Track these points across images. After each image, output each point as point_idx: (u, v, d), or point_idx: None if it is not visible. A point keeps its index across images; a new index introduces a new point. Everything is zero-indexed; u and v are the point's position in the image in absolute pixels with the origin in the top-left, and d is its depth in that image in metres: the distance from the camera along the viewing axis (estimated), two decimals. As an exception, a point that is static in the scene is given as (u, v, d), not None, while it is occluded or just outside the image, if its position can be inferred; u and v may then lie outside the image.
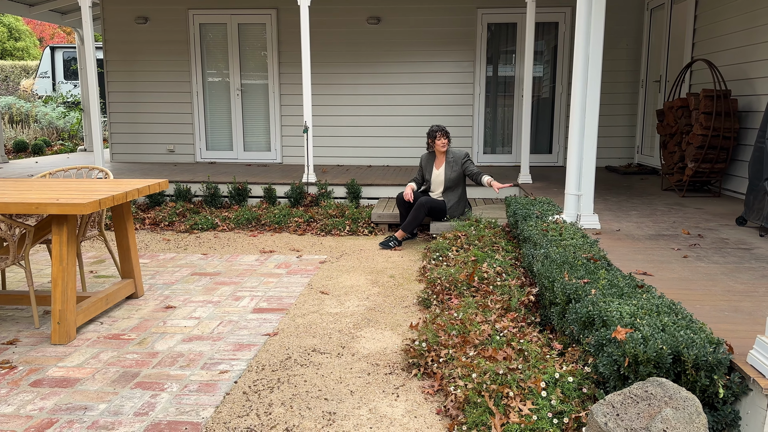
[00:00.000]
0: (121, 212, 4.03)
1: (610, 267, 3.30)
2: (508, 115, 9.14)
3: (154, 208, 7.14)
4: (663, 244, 4.17)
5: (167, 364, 3.14)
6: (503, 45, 8.97)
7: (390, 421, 2.58)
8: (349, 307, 4.02)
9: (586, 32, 4.51)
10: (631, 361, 2.25)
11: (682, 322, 2.40)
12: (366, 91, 9.11)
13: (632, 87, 8.83)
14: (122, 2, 9.25)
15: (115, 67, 9.43)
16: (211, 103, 9.44)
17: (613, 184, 7.05)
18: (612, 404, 2.04)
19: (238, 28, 9.18)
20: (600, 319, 2.56)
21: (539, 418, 2.33)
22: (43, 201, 3.25)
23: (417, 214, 5.60)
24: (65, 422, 2.57)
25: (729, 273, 3.47)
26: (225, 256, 5.32)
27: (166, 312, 3.91)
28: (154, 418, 2.61)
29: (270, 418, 2.62)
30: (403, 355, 3.24)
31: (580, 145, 4.60)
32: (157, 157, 9.63)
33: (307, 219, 6.45)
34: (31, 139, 13.41)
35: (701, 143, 5.89)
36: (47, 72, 16.63)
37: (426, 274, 4.51)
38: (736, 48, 6.09)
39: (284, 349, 3.33)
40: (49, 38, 24.87)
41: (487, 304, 3.55)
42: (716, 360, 2.17)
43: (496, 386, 2.51)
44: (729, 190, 6.22)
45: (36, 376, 3.00)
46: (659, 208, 5.48)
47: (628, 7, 8.64)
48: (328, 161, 9.32)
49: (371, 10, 8.93)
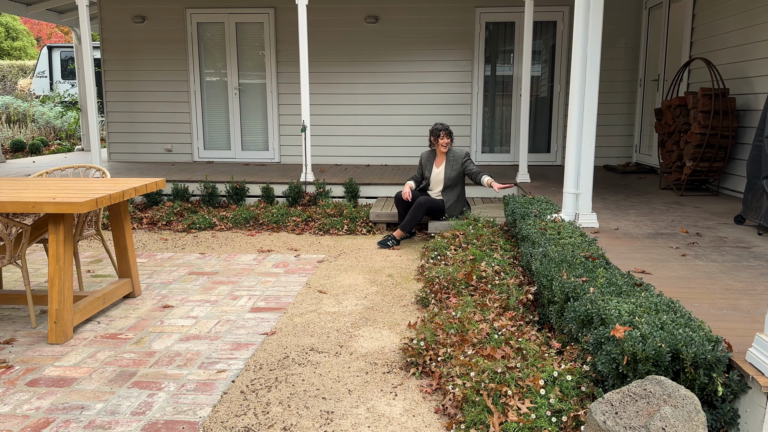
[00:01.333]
0: (119, 211, 4.01)
1: (608, 265, 3.29)
2: (506, 115, 9.13)
3: (152, 207, 7.13)
4: (661, 242, 4.16)
5: (164, 363, 3.13)
6: (501, 44, 8.97)
7: (388, 420, 2.57)
8: (347, 306, 4.01)
9: (584, 31, 4.51)
10: (629, 360, 2.25)
11: (680, 320, 2.40)
12: (364, 91, 9.09)
13: (630, 86, 8.83)
14: (119, 1, 9.22)
15: (112, 66, 9.41)
16: (208, 103, 9.43)
17: (612, 183, 7.04)
18: (611, 402, 2.03)
19: (236, 27, 9.16)
20: (599, 318, 2.55)
21: (538, 416, 2.32)
22: (39, 200, 3.23)
23: (415, 214, 5.59)
24: (62, 422, 2.56)
25: (727, 271, 3.46)
26: (223, 255, 5.31)
27: (164, 311, 3.89)
28: (151, 417, 2.59)
29: (268, 417, 2.60)
30: (401, 354, 3.23)
31: (578, 144, 4.60)
32: (154, 157, 9.61)
33: (305, 218, 6.44)
34: (28, 139, 13.38)
35: (699, 142, 5.89)
36: (45, 71, 16.59)
37: (424, 273, 4.51)
38: (735, 46, 6.09)
39: (282, 349, 3.32)
40: (47, 38, 24.81)
41: (486, 303, 3.55)
42: (715, 358, 2.17)
43: (495, 385, 2.51)
44: (727, 188, 6.22)
45: (32, 375, 2.99)
46: (657, 207, 5.48)
47: (625, 6, 8.64)
48: (326, 160, 9.31)
49: (369, 9, 8.92)
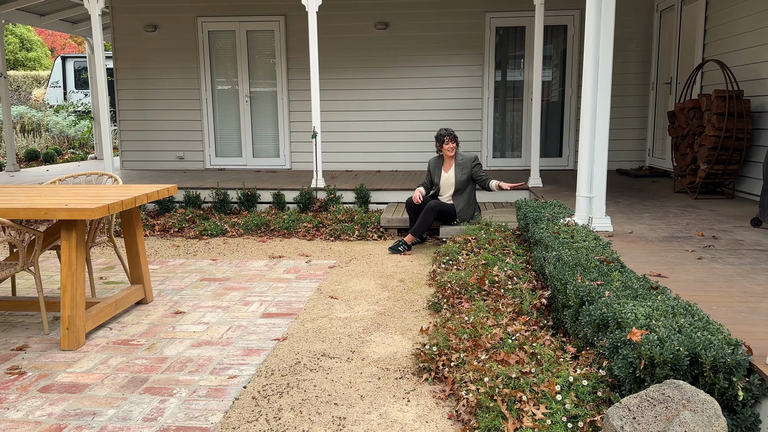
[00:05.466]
0: (131, 218, 4.02)
1: (623, 269, 3.25)
2: (517, 119, 9.09)
3: (164, 214, 7.15)
4: (677, 245, 4.11)
5: (176, 369, 3.12)
6: (511, 49, 8.94)
7: (401, 426, 2.54)
8: (358, 311, 3.99)
9: (595, 34, 4.48)
10: (647, 363, 2.20)
11: (698, 323, 2.35)
12: (374, 97, 9.10)
13: (642, 89, 8.77)
14: (132, 10, 9.31)
15: (124, 75, 9.48)
16: (220, 110, 9.47)
17: (625, 187, 6.98)
18: (628, 407, 1.99)
19: (247, 36, 9.21)
20: (614, 321, 2.51)
21: (553, 422, 2.28)
22: (52, 206, 3.24)
23: (426, 218, 5.56)
24: (74, 428, 2.55)
25: (745, 274, 3.40)
26: (234, 261, 5.31)
27: (176, 317, 3.89)
28: (163, 423, 2.58)
29: (279, 423, 2.58)
30: (413, 360, 3.20)
31: (591, 147, 4.56)
32: (166, 164, 9.66)
33: (316, 224, 6.43)
34: (42, 148, 13.52)
35: (714, 144, 5.82)
36: (58, 81, 16.78)
37: (436, 278, 4.47)
38: (749, 48, 6.03)
39: (294, 354, 3.30)
40: (60, 48, 25.12)
41: (499, 308, 3.51)
42: (735, 362, 2.12)
43: (509, 390, 2.47)
44: (742, 191, 6.14)
45: (45, 381, 2.99)
46: (672, 210, 5.41)
47: (637, 10, 8.59)
48: (336, 167, 9.31)
49: (379, 16, 8.93)
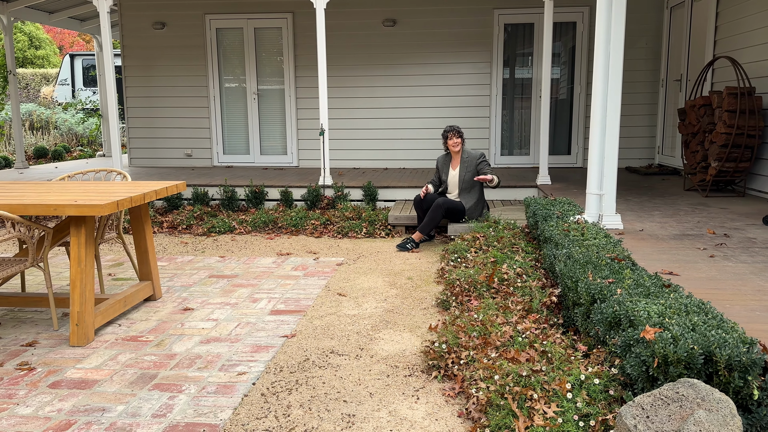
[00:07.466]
0: (139, 215, 4.03)
1: (635, 267, 3.22)
2: (525, 117, 9.05)
3: (172, 211, 7.16)
4: (688, 243, 4.07)
5: (185, 365, 3.12)
6: (520, 46, 8.90)
7: (410, 424, 2.52)
8: (366, 308, 3.98)
9: (606, 31, 4.44)
10: (660, 362, 2.18)
11: (712, 321, 2.32)
12: (382, 94, 9.08)
13: (652, 87, 8.70)
14: (140, 8, 9.33)
15: (133, 72, 9.50)
16: (227, 108, 9.48)
17: (635, 185, 6.93)
18: (641, 406, 1.96)
19: (255, 33, 9.21)
20: (627, 319, 2.49)
21: (564, 420, 2.26)
22: (61, 202, 3.25)
23: (434, 215, 5.54)
24: (83, 423, 2.55)
25: (758, 272, 3.37)
26: (242, 258, 5.30)
27: (184, 314, 3.89)
28: (172, 419, 2.58)
29: (288, 420, 2.57)
30: (422, 357, 3.18)
31: (601, 144, 4.52)
32: (174, 162, 9.68)
33: (323, 221, 6.42)
34: (51, 146, 13.57)
35: (725, 142, 5.76)
36: (67, 79, 16.84)
37: (444, 275, 4.45)
38: (761, 44, 5.96)
39: (302, 351, 3.29)
40: (69, 46, 25.22)
41: (508, 306, 3.49)
42: (750, 360, 2.09)
43: (520, 388, 2.45)
44: (754, 189, 6.08)
45: (54, 377, 3.00)
46: (682, 208, 5.37)
47: (647, 6, 8.53)
48: (344, 164, 9.30)
49: (387, 13, 8.91)
